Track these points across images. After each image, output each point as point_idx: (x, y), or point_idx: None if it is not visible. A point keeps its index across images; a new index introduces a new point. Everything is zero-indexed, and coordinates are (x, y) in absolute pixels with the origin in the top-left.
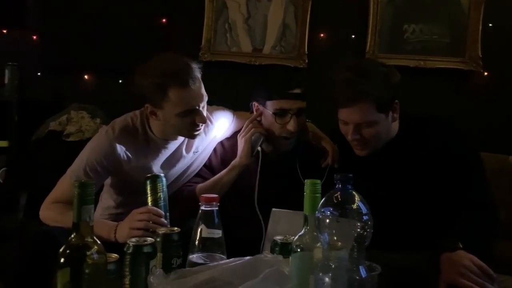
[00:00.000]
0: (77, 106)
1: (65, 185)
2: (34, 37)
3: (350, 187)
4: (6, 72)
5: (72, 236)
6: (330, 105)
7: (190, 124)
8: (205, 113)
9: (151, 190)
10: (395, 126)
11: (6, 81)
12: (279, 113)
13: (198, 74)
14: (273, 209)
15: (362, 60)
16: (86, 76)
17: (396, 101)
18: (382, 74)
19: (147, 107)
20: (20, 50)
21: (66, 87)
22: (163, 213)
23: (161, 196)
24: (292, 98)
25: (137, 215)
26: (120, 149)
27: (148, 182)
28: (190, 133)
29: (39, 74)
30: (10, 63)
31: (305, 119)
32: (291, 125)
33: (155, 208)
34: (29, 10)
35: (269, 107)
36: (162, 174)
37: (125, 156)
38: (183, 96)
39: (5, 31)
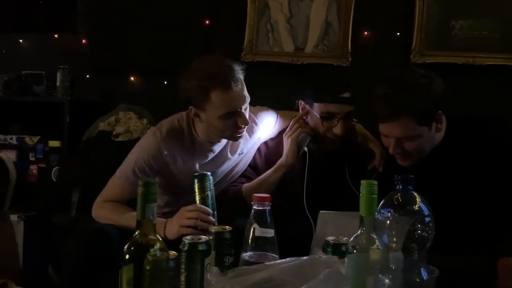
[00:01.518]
0: (125, 107)
1: (115, 185)
2: (84, 41)
3: (411, 188)
4: (58, 74)
5: (136, 233)
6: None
7: (233, 126)
8: (247, 114)
9: (199, 188)
10: (441, 133)
11: (58, 83)
12: (326, 117)
13: (240, 76)
14: (321, 211)
15: (402, 71)
16: (132, 78)
17: (440, 111)
18: (424, 86)
19: (191, 109)
20: (70, 54)
21: (113, 89)
22: (211, 211)
23: (209, 194)
24: (341, 102)
25: (186, 213)
26: (167, 150)
27: (196, 180)
28: (233, 135)
29: (88, 76)
30: (61, 66)
31: (352, 121)
32: (338, 129)
33: (203, 206)
34: (78, 16)
35: (316, 109)
36: (209, 173)
37: (172, 157)
38: (225, 98)
39: (56, 36)
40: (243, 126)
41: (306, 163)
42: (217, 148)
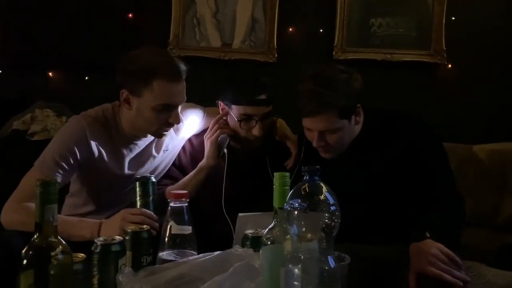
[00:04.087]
0: (42, 104)
1: (32, 181)
2: None
3: (317, 178)
4: None
5: (35, 236)
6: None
7: (163, 122)
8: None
9: (141, 192)
10: (359, 125)
11: None
12: (244, 119)
13: (184, 76)
14: (239, 214)
15: (324, 67)
16: (50, 74)
17: (358, 105)
18: (345, 82)
19: (123, 93)
20: None
21: (30, 85)
22: (156, 216)
23: (152, 199)
24: (258, 104)
25: (130, 216)
26: (92, 137)
27: (138, 184)
28: (159, 131)
29: (0, 71)
30: None
31: (272, 120)
32: (256, 130)
33: (148, 210)
34: None
35: (234, 111)
36: (152, 176)
37: (96, 146)
38: (167, 89)
39: None
40: (172, 124)
41: (225, 164)
42: (142, 143)
